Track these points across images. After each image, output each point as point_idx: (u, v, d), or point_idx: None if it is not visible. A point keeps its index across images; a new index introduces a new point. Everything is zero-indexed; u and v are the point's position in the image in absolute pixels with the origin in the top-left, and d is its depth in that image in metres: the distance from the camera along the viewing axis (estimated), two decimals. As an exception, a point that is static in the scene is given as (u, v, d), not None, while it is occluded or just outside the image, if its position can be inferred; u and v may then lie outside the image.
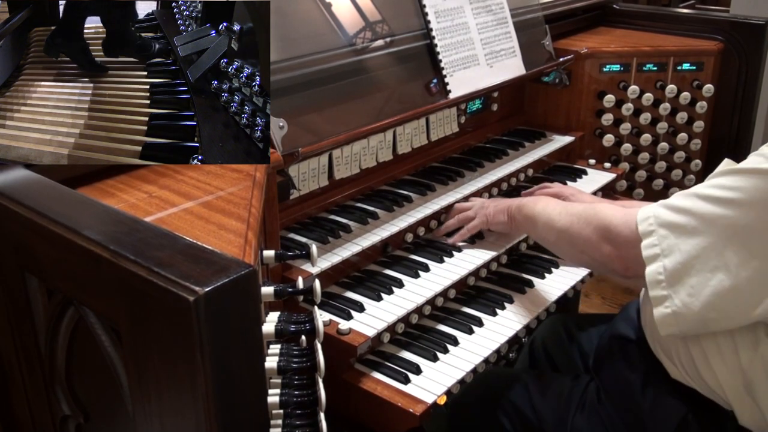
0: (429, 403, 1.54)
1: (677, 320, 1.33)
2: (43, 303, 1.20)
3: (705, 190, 1.31)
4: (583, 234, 1.55)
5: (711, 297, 1.28)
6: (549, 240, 1.74)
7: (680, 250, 1.30)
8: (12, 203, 1.15)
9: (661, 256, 1.32)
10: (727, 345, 1.36)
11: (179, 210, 1.29)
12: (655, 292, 1.33)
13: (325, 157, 1.92)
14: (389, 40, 2.07)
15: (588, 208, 1.60)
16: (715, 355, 1.38)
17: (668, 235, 1.32)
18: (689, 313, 1.31)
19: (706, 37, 2.74)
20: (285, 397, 1.20)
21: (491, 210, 1.95)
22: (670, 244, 1.32)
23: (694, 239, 1.29)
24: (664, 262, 1.31)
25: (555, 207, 1.71)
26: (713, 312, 1.30)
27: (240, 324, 0.93)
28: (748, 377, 1.35)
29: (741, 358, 1.35)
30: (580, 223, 1.58)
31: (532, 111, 2.73)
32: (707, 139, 2.74)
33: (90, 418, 1.25)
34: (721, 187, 1.28)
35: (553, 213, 1.69)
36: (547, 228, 1.70)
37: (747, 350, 1.34)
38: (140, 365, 1.01)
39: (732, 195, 1.26)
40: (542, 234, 1.75)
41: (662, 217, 1.34)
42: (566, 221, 1.63)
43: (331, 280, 1.82)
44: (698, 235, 1.29)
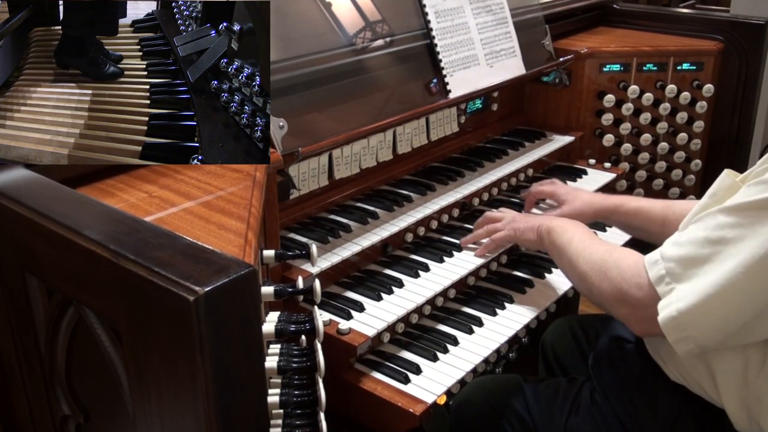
0: (429, 403, 1.54)
1: (700, 349, 1.33)
2: (43, 303, 1.20)
3: (713, 233, 1.27)
4: (601, 289, 1.50)
5: (732, 325, 1.27)
6: (571, 279, 1.70)
7: (695, 293, 1.28)
8: (12, 203, 1.15)
9: (674, 302, 1.30)
10: (736, 359, 1.35)
11: (179, 210, 1.29)
12: (673, 337, 1.32)
13: (325, 157, 1.92)
14: (389, 39, 2.07)
15: (604, 258, 1.52)
16: (721, 368, 1.38)
17: (685, 288, 1.30)
18: (711, 344, 1.31)
19: (706, 37, 2.74)
20: (285, 397, 1.20)
21: (521, 226, 1.89)
22: (684, 293, 1.29)
23: (708, 280, 1.26)
24: (678, 306, 1.29)
25: (578, 244, 1.63)
26: (732, 339, 1.30)
27: (240, 324, 0.93)
28: (751, 391, 1.35)
29: (748, 373, 1.34)
30: (597, 274, 1.51)
31: (532, 111, 2.73)
32: (707, 139, 2.74)
33: (90, 418, 1.25)
34: (729, 227, 1.25)
35: (574, 253, 1.62)
36: (570, 267, 1.65)
37: (755, 366, 1.34)
38: (140, 365, 1.01)
39: (740, 233, 1.23)
40: (565, 270, 1.71)
41: (676, 272, 1.31)
42: (585, 268, 1.56)
43: (331, 280, 1.82)
44: (712, 276, 1.26)
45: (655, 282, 1.33)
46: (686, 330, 1.29)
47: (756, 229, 1.22)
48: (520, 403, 1.71)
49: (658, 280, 1.33)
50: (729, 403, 1.38)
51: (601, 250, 1.56)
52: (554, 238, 1.73)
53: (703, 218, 1.31)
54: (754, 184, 1.25)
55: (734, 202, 1.27)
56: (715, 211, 1.29)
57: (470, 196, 2.16)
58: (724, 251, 1.25)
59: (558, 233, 1.72)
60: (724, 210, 1.27)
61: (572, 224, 1.75)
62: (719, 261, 1.25)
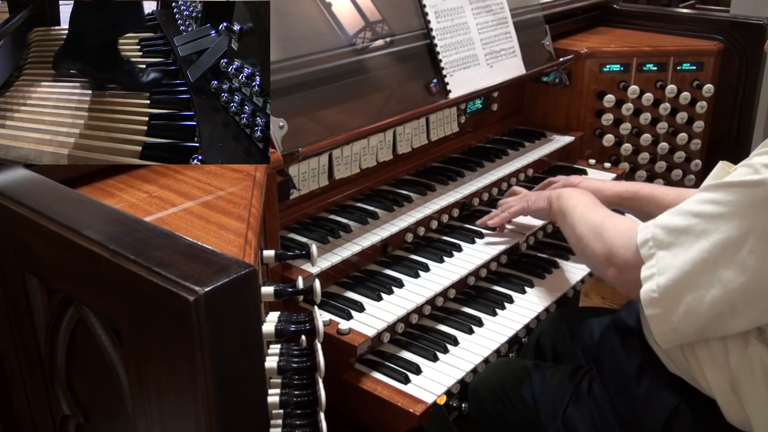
0: (429, 403, 1.54)
1: (677, 336, 1.36)
2: (43, 303, 1.20)
3: (696, 206, 1.31)
4: (594, 249, 1.55)
5: (708, 313, 1.29)
6: (570, 241, 1.75)
7: (674, 267, 1.31)
8: (12, 203, 1.15)
9: (656, 275, 1.33)
10: (719, 347, 1.38)
11: (179, 210, 1.29)
12: (650, 311, 1.34)
13: (325, 157, 1.92)
14: (389, 40, 2.07)
15: (602, 221, 1.58)
16: (706, 356, 1.40)
17: (665, 255, 1.33)
18: (687, 330, 1.33)
19: (706, 37, 2.75)
20: (285, 397, 1.20)
21: (533, 196, 2.00)
22: (666, 264, 1.33)
23: (686, 256, 1.30)
24: (658, 281, 1.33)
25: (582, 209, 1.69)
26: (710, 325, 1.31)
27: (240, 324, 0.93)
28: (735, 377, 1.36)
29: (731, 359, 1.36)
30: (592, 236, 1.57)
31: (532, 111, 2.73)
32: (707, 139, 2.74)
33: (90, 418, 1.25)
34: (711, 202, 1.29)
35: (577, 216, 1.68)
36: (570, 230, 1.71)
37: (737, 351, 1.36)
38: (140, 365, 1.01)
39: (721, 210, 1.27)
40: (566, 233, 1.77)
41: (659, 238, 1.35)
42: (583, 230, 1.62)
43: (331, 280, 1.82)
44: (690, 251, 1.30)
45: (640, 245, 1.38)
46: (663, 304, 1.32)
47: (734, 209, 1.25)
48: (526, 388, 1.74)
49: (643, 243, 1.38)
50: (718, 393, 1.40)
51: (602, 215, 1.63)
52: (562, 203, 1.80)
53: (694, 195, 1.35)
54: (742, 166, 1.29)
55: (722, 180, 1.30)
56: (704, 187, 1.34)
57: (470, 196, 2.16)
58: (703, 223, 1.29)
59: (565, 198, 1.80)
60: (711, 186, 1.31)
61: (580, 192, 1.82)
62: (697, 233, 1.29)
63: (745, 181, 1.25)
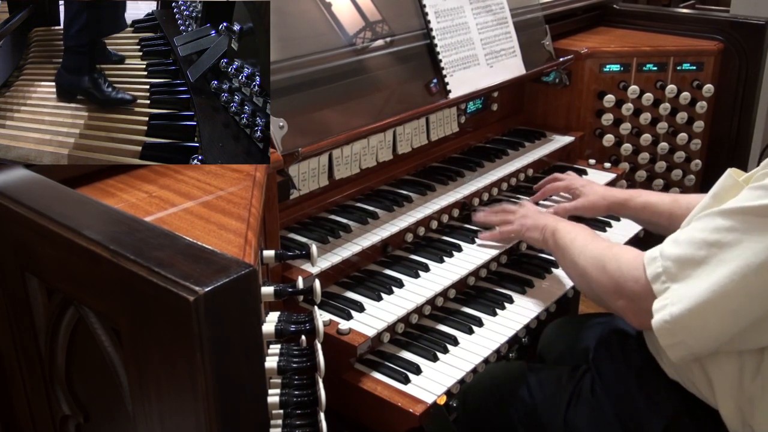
0: (429, 403, 1.54)
1: (692, 355, 1.34)
2: (43, 303, 1.20)
3: (710, 235, 1.27)
4: (600, 282, 1.52)
5: (724, 336, 1.28)
6: (573, 278, 1.73)
7: (689, 297, 1.28)
8: (12, 203, 1.15)
9: (669, 305, 1.30)
10: (732, 364, 1.36)
11: (179, 210, 1.29)
12: (665, 341, 1.32)
13: (325, 157, 1.92)
14: (389, 40, 2.07)
15: (604, 253, 1.54)
16: (716, 372, 1.38)
17: (679, 287, 1.30)
18: (703, 351, 1.33)
19: (706, 37, 2.74)
20: (285, 397, 1.20)
21: (529, 223, 1.92)
22: (680, 294, 1.30)
23: (703, 285, 1.27)
24: (671, 311, 1.30)
25: (581, 243, 1.65)
26: (726, 346, 1.31)
27: (240, 324, 0.93)
28: (745, 395, 1.35)
29: (744, 378, 1.35)
30: (597, 269, 1.53)
31: (532, 111, 2.73)
32: (707, 139, 2.74)
33: (90, 418, 1.25)
34: (725, 230, 1.25)
35: (576, 250, 1.64)
36: (571, 264, 1.67)
37: (750, 371, 1.34)
38: (140, 365, 1.01)
39: (737, 237, 1.24)
40: (567, 268, 1.74)
41: (672, 272, 1.32)
42: (585, 264, 1.59)
43: (331, 280, 1.82)
44: (707, 281, 1.26)
45: (652, 280, 1.34)
46: (678, 335, 1.30)
47: (752, 236, 1.22)
48: (523, 389, 1.73)
49: (654, 278, 1.34)
50: (723, 405, 1.39)
51: (602, 247, 1.59)
52: (558, 238, 1.76)
53: (702, 218, 1.31)
54: (755, 188, 1.25)
55: (733, 205, 1.27)
56: (715, 212, 1.29)
57: (470, 196, 2.16)
58: (719, 255, 1.25)
59: (562, 234, 1.75)
60: (723, 213, 1.27)
61: (576, 226, 1.78)
62: (714, 264, 1.26)
63: (759, 206, 1.22)
